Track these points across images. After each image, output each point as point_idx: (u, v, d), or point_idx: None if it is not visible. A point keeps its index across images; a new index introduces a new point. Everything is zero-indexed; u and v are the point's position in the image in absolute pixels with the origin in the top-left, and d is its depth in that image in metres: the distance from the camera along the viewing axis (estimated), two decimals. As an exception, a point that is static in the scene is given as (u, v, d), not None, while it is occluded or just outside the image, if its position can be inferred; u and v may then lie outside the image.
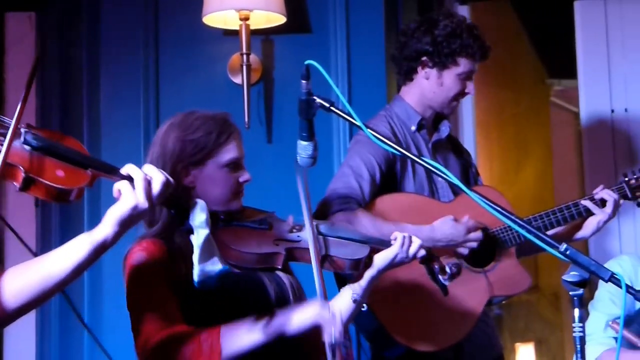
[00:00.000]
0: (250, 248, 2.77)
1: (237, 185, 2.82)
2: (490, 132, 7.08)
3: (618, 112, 4.84)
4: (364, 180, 3.42)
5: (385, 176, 3.48)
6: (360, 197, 3.39)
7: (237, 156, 2.81)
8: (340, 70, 4.34)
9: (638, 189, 3.69)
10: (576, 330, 2.35)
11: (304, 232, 2.84)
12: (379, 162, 3.46)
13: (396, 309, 3.06)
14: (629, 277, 3.41)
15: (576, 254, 2.35)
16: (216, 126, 2.79)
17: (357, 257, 2.84)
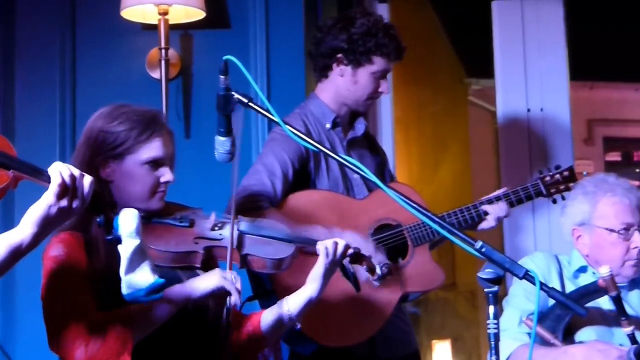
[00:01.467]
0: (167, 246, 2.71)
1: (156, 185, 2.76)
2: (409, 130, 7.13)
3: (534, 111, 4.90)
4: (277, 177, 3.40)
5: (298, 174, 3.47)
6: (272, 195, 3.38)
7: (158, 155, 2.75)
8: (259, 66, 4.31)
9: (552, 186, 3.74)
10: (490, 327, 2.36)
11: (225, 230, 2.81)
12: (292, 160, 3.45)
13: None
14: (542, 274, 3.43)
15: (491, 251, 2.37)
16: (141, 122, 2.74)
17: (280, 257, 2.80)
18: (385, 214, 3.51)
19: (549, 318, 3.30)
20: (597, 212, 3.42)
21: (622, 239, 3.38)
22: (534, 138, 4.87)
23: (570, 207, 3.51)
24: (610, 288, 3.14)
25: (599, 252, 3.40)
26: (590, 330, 3.33)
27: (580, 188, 3.54)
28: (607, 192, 3.43)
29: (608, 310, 3.40)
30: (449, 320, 7.25)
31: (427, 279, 3.55)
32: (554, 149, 4.85)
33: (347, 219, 3.42)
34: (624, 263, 3.39)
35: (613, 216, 3.40)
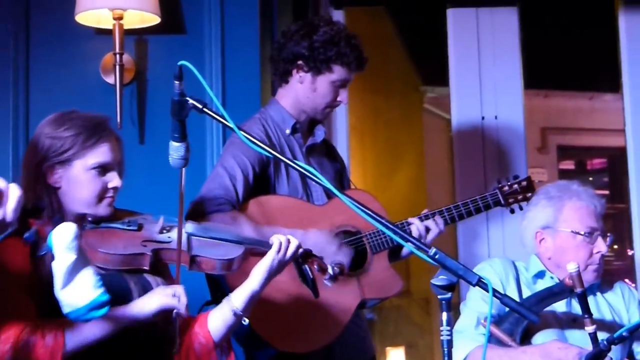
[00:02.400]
0: (115, 249, 2.72)
1: (104, 190, 2.78)
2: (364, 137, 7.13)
3: (488, 119, 4.93)
4: (238, 181, 3.40)
5: (258, 178, 3.46)
6: (234, 198, 3.37)
7: (106, 161, 2.76)
8: (214, 72, 4.30)
9: (510, 195, 3.78)
10: (444, 334, 2.37)
11: (174, 232, 2.82)
12: (252, 164, 3.44)
13: (266, 310, 3.05)
14: (500, 280, 3.47)
15: (445, 258, 2.38)
16: (88, 128, 2.75)
17: (229, 258, 2.82)
18: (345, 220, 3.51)
19: (507, 321, 3.33)
20: (563, 215, 3.48)
21: (587, 242, 3.44)
22: (488, 146, 4.89)
23: (533, 211, 3.56)
24: (576, 285, 3.18)
25: (562, 256, 3.45)
26: (547, 333, 3.37)
27: (543, 193, 3.59)
28: (572, 196, 3.49)
29: (562, 313, 3.45)
30: (403, 328, 7.26)
31: (385, 286, 3.56)
32: (508, 156, 4.88)
33: (307, 225, 3.41)
34: (586, 267, 3.45)
35: (578, 220, 3.46)
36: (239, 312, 2.82)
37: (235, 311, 2.81)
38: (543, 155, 9.23)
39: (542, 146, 9.25)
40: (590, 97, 9.10)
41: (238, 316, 2.82)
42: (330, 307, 3.37)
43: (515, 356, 3.22)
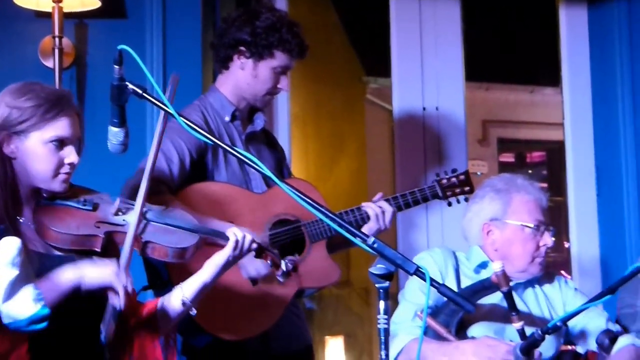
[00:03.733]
0: (68, 229, 2.69)
1: (60, 165, 2.73)
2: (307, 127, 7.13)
3: (429, 110, 4.95)
4: (174, 164, 3.38)
5: (195, 164, 3.45)
6: (170, 180, 3.35)
7: (64, 135, 2.72)
8: (155, 58, 4.27)
9: (448, 189, 3.79)
10: (381, 323, 2.38)
11: (129, 215, 2.78)
12: (189, 149, 3.42)
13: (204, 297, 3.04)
14: (439, 269, 3.49)
15: (383, 247, 2.39)
16: (50, 100, 2.71)
17: (182, 246, 2.79)
18: (284, 209, 3.51)
19: (443, 312, 3.35)
20: (512, 208, 3.52)
21: (534, 235, 3.48)
22: (429, 137, 4.91)
23: (480, 204, 3.60)
24: (502, 283, 3.21)
25: (510, 248, 3.49)
26: (483, 325, 3.40)
27: (489, 186, 3.63)
28: (520, 190, 3.54)
29: (502, 306, 3.47)
30: (342, 317, 7.27)
31: (322, 275, 3.57)
32: (449, 148, 4.91)
33: (246, 213, 3.42)
34: (533, 259, 3.50)
35: (527, 213, 3.51)
36: (188, 303, 2.80)
37: (184, 301, 2.80)
38: (484, 147, 9.29)
39: (482, 138, 9.30)
40: (530, 91, 9.17)
41: (187, 306, 2.81)
42: (267, 295, 3.36)
43: (448, 351, 3.25)
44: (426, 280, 2.37)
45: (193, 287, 2.81)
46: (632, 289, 3.68)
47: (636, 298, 3.69)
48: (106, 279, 2.59)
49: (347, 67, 8.21)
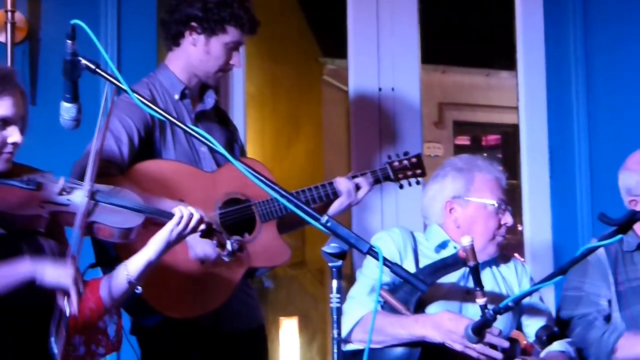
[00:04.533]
0: (10, 208, 2.65)
1: (3, 145, 2.70)
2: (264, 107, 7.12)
3: (385, 91, 4.95)
4: (123, 143, 3.35)
5: (144, 142, 3.42)
6: (120, 160, 3.32)
7: (7, 114, 2.68)
8: (109, 33, 4.22)
9: (400, 171, 3.80)
10: (333, 301, 2.39)
11: (74, 195, 2.75)
12: (137, 127, 3.39)
13: (152, 276, 3.02)
14: (397, 249, 3.51)
15: (337, 226, 2.39)
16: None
17: (127, 226, 2.77)
18: (234, 188, 3.49)
19: (402, 290, 3.37)
20: (474, 186, 3.55)
21: (496, 213, 3.51)
22: (384, 117, 4.91)
23: (442, 182, 3.61)
24: (469, 258, 3.23)
25: (472, 225, 3.51)
26: (441, 304, 3.42)
27: (450, 165, 3.66)
28: (482, 169, 3.58)
29: (457, 285, 3.51)
30: (297, 298, 7.28)
31: (273, 255, 3.56)
32: (404, 129, 4.91)
33: (196, 191, 3.39)
34: (494, 237, 3.54)
35: (489, 191, 3.54)
36: (133, 281, 2.78)
37: (130, 279, 2.78)
38: (440, 130, 9.31)
39: (438, 121, 9.32)
40: (487, 74, 9.20)
41: (132, 284, 2.78)
42: (216, 274, 3.35)
43: (407, 324, 3.27)
44: (379, 260, 2.38)
45: (137, 265, 2.78)
46: (580, 271, 3.72)
47: (583, 282, 3.72)
48: (62, 281, 2.54)
49: (303, 48, 8.20)
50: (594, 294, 3.69)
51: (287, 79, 7.69)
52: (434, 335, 3.22)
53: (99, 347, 2.82)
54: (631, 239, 3.77)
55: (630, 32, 5.10)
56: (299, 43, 8.04)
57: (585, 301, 3.69)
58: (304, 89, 8.15)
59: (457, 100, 9.47)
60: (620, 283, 3.72)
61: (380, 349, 3.30)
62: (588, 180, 5.03)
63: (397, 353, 3.30)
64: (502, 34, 5.79)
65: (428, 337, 3.23)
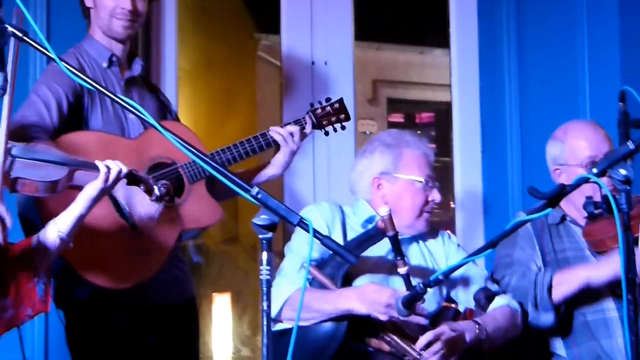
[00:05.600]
0: None
1: None
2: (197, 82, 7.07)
3: (318, 65, 4.95)
4: (52, 110, 3.33)
5: (72, 108, 3.40)
6: (49, 126, 3.30)
7: None
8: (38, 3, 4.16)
9: (324, 117, 3.79)
10: (263, 274, 2.39)
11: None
12: (66, 93, 3.38)
13: (83, 245, 2.99)
14: (326, 223, 3.51)
15: (267, 197, 2.39)
16: None
17: (52, 179, 2.77)
18: (159, 152, 3.47)
19: (329, 265, 3.38)
20: (402, 162, 3.56)
21: (424, 190, 3.53)
22: (318, 92, 4.90)
23: (370, 158, 3.62)
24: (388, 228, 3.25)
25: (399, 201, 3.53)
26: (367, 277, 3.45)
27: (378, 140, 3.66)
28: (410, 145, 3.59)
29: (386, 259, 3.52)
30: (229, 274, 7.27)
31: (204, 216, 3.54)
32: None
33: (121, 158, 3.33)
34: (421, 213, 3.55)
35: (417, 167, 3.56)
36: (64, 237, 2.79)
37: (61, 236, 2.78)
38: (373, 107, 9.32)
39: (372, 98, 9.33)
40: (421, 52, 9.22)
41: (64, 241, 2.79)
42: (149, 241, 3.33)
43: (332, 299, 3.28)
44: (309, 232, 2.38)
45: (67, 220, 2.80)
46: (509, 242, 3.76)
47: (513, 250, 3.76)
48: None
49: (238, 23, 8.15)
50: (525, 259, 3.73)
51: (221, 55, 7.65)
52: (359, 307, 3.24)
53: (28, 308, 2.80)
54: (556, 212, 3.82)
55: (562, 10, 5.15)
56: (234, 18, 8.00)
57: (517, 263, 3.72)
58: (238, 65, 8.11)
59: (391, 78, 9.48)
60: (546, 253, 3.76)
61: (308, 326, 3.31)
62: (519, 156, 5.09)
63: (325, 329, 3.31)
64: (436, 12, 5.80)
65: (354, 310, 3.25)
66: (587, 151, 3.70)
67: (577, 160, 3.71)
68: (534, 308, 3.57)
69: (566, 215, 3.84)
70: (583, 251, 3.76)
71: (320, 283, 3.34)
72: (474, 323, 3.40)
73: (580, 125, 3.87)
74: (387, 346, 3.32)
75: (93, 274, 3.24)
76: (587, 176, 2.69)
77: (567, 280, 3.56)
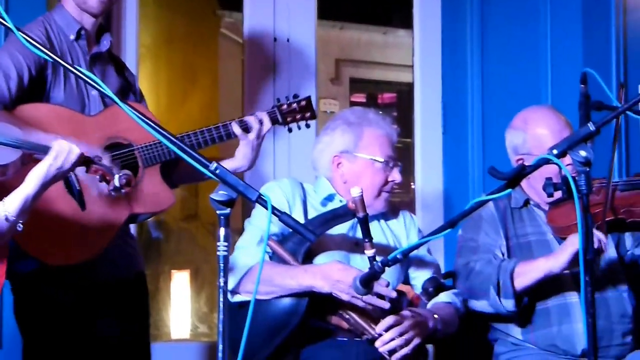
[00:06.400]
0: None
1: None
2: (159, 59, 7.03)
3: (281, 41, 4.93)
4: (12, 80, 3.27)
5: (34, 80, 3.34)
6: (7, 97, 3.25)
7: None
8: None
9: (289, 114, 3.74)
10: (221, 250, 2.37)
11: None
12: (28, 65, 3.32)
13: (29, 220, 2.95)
14: (287, 200, 3.50)
15: (226, 173, 2.37)
16: None
17: (3, 163, 2.73)
18: (117, 132, 3.43)
19: (291, 240, 3.38)
20: (363, 141, 3.54)
21: (383, 170, 3.51)
22: (280, 69, 4.89)
23: (331, 135, 3.60)
24: (359, 209, 3.24)
25: (358, 180, 3.50)
26: (329, 255, 3.45)
27: (341, 118, 3.65)
28: (372, 123, 3.56)
29: (346, 237, 3.54)
30: (189, 251, 7.25)
31: (156, 201, 3.50)
32: (299, 82, 4.89)
33: (77, 135, 3.29)
34: (380, 193, 3.54)
35: (377, 147, 3.54)
36: (11, 218, 2.73)
37: (7, 216, 2.72)
38: (336, 86, 9.29)
39: (335, 77, 9.31)
40: (384, 32, 9.20)
41: (10, 222, 2.73)
42: (96, 219, 3.30)
43: (296, 275, 3.28)
44: (268, 209, 2.36)
45: (16, 201, 2.73)
46: (474, 226, 3.77)
47: (478, 234, 3.76)
48: None
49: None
50: (490, 244, 3.74)
51: (183, 31, 7.60)
52: (322, 285, 3.24)
53: None
54: (518, 196, 3.83)
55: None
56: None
57: (482, 250, 3.72)
58: (200, 42, 8.06)
59: (354, 57, 9.46)
60: (510, 238, 3.77)
61: (268, 300, 3.30)
62: (480, 137, 5.11)
63: (285, 304, 3.31)
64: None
65: (316, 287, 3.25)
66: (550, 140, 3.68)
67: (540, 150, 3.68)
68: (496, 294, 3.58)
69: (530, 199, 3.84)
70: (545, 235, 3.77)
71: (281, 258, 3.33)
72: (432, 312, 3.43)
73: (540, 112, 3.86)
74: (346, 324, 3.32)
75: (36, 249, 3.20)
76: (547, 157, 2.68)
77: (529, 270, 3.57)
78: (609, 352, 3.65)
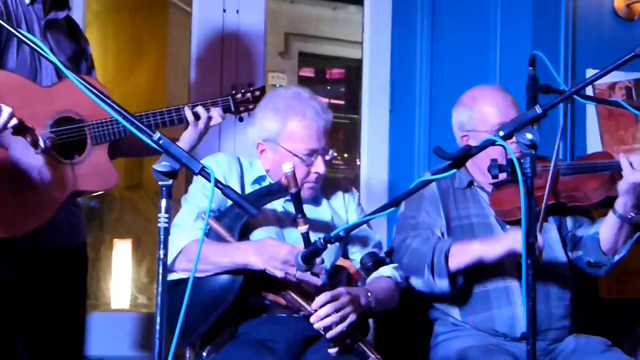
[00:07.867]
0: None
1: None
2: (107, 27, 6.96)
3: (230, 13, 4.88)
4: None
5: None
6: None
7: None
8: None
9: (242, 104, 3.72)
10: (161, 221, 2.36)
11: None
12: None
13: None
14: (223, 175, 3.46)
15: (169, 144, 2.36)
16: None
17: None
18: (69, 106, 3.36)
19: (227, 217, 3.36)
20: (285, 132, 3.47)
21: (304, 164, 3.45)
22: (228, 41, 4.85)
23: (259, 121, 3.54)
24: (291, 185, 3.22)
25: (280, 171, 3.43)
26: (265, 230, 3.42)
27: (271, 102, 3.56)
28: (298, 113, 3.46)
29: (282, 212, 3.53)
30: (132, 220, 7.21)
31: (100, 180, 3.45)
32: (248, 55, 4.86)
33: (27, 105, 3.24)
34: (302, 184, 3.47)
35: (299, 140, 3.46)
36: None
37: None
38: (285, 60, 9.28)
39: (284, 51, 9.30)
40: (334, 7, 9.20)
41: None
42: (38, 194, 3.25)
43: (229, 251, 3.26)
44: (211, 181, 2.35)
45: None
46: (415, 204, 3.77)
47: (419, 213, 3.77)
48: None
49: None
50: (430, 223, 3.75)
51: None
52: (256, 261, 3.22)
53: None
54: (463, 176, 3.84)
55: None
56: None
57: (422, 227, 3.73)
58: (150, 11, 7.99)
59: (303, 32, 9.45)
60: (452, 219, 3.78)
61: (203, 277, 3.28)
62: (427, 117, 5.11)
63: (220, 281, 3.29)
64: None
65: (250, 264, 3.24)
66: (496, 118, 3.70)
67: (486, 127, 3.71)
68: (430, 273, 3.59)
69: (474, 181, 3.85)
70: (488, 218, 3.79)
71: (217, 234, 3.31)
72: (366, 290, 3.42)
73: (488, 91, 3.87)
74: (283, 300, 3.32)
75: None
76: (493, 138, 2.68)
77: (462, 251, 3.59)
78: (548, 336, 3.68)
